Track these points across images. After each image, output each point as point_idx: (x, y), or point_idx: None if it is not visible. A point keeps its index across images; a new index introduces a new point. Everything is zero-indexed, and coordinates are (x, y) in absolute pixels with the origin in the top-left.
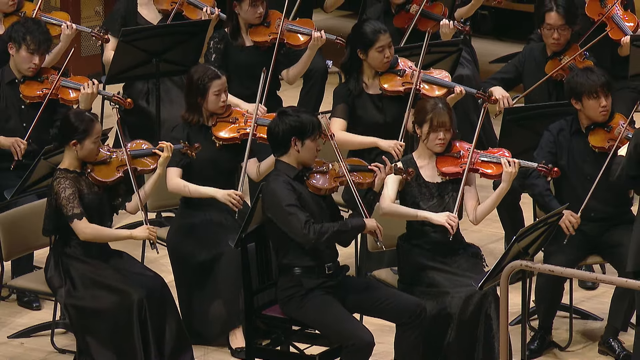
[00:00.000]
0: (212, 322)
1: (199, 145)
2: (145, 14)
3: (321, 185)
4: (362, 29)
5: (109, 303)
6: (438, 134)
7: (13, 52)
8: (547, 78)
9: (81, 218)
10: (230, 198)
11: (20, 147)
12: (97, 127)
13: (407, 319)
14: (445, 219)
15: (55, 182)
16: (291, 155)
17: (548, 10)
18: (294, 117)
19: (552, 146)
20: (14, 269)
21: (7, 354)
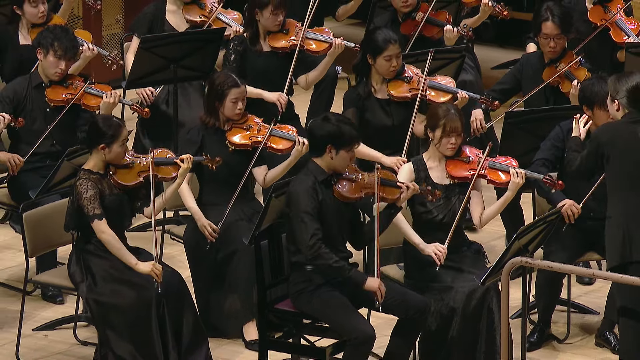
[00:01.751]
0: (227, 316)
1: (219, 159)
2: (172, 20)
3: (345, 193)
4: (374, 36)
5: (129, 298)
6: (450, 138)
7: (41, 57)
8: (545, 84)
9: (101, 219)
10: (205, 230)
11: (16, 162)
12: (124, 131)
13: (412, 314)
14: (433, 249)
15: (78, 182)
16: (324, 159)
17: (544, 20)
18: (335, 126)
19: (559, 141)
20: (38, 265)
21: (32, 345)
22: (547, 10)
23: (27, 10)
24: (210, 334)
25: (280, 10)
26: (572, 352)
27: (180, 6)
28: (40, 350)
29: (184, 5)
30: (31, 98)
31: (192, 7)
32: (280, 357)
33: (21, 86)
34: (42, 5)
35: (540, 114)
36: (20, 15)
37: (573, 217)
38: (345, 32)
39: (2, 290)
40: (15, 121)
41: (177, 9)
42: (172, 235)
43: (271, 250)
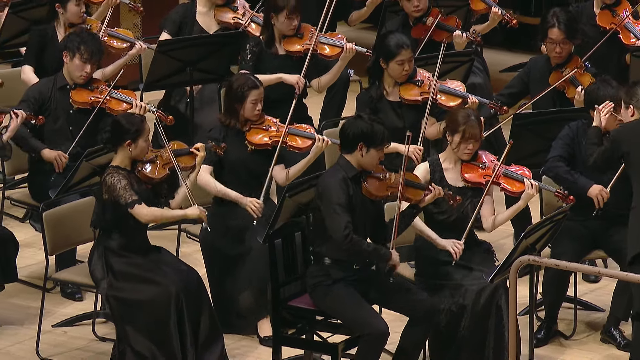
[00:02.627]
0: (241, 313)
1: (225, 145)
2: (203, 21)
3: (373, 191)
4: (387, 41)
5: (148, 295)
6: (468, 144)
7: (67, 60)
8: (552, 88)
9: (140, 203)
10: (251, 205)
11: (62, 160)
12: (147, 126)
13: (421, 314)
14: (450, 244)
15: (108, 176)
16: (355, 156)
17: (550, 27)
18: (368, 124)
19: (569, 139)
20: (58, 262)
21: (51, 341)
22: (553, 16)
23: (70, 9)
24: (225, 330)
25: (295, 15)
26: (578, 348)
27: (211, 7)
28: (60, 346)
29: (216, 8)
30: (55, 99)
31: (224, 9)
32: (293, 352)
33: (46, 87)
34: (83, 5)
35: (548, 116)
36: (60, 13)
37: (603, 201)
38: (357, 36)
39: (22, 288)
40: (35, 119)
41: (207, 10)
42: (189, 234)
43: (285, 248)
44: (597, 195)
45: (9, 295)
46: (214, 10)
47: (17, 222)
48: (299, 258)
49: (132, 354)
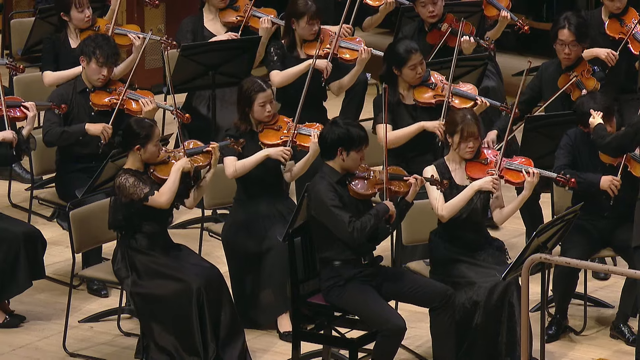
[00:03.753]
0: (262, 309)
1: (243, 140)
2: (212, 28)
3: (361, 191)
4: (396, 49)
5: (171, 291)
6: (468, 143)
7: (84, 64)
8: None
9: (153, 193)
10: (282, 153)
11: (107, 132)
12: (157, 131)
13: (437, 303)
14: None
15: (117, 179)
16: (336, 162)
17: (561, 28)
18: (344, 129)
19: (569, 148)
20: (84, 260)
21: (78, 336)
22: (564, 18)
23: (74, 16)
24: (246, 325)
25: (315, 20)
26: (587, 343)
27: (216, 13)
28: (86, 341)
29: (220, 12)
30: (76, 102)
31: (227, 11)
32: (312, 347)
33: (66, 91)
34: (88, 10)
35: (557, 119)
36: (67, 21)
37: (616, 189)
38: (374, 41)
39: (50, 284)
40: (58, 108)
41: (214, 16)
42: (211, 233)
43: (304, 246)
44: (609, 186)
45: (36, 291)
46: (219, 15)
47: (45, 221)
48: (317, 256)
49: (156, 348)
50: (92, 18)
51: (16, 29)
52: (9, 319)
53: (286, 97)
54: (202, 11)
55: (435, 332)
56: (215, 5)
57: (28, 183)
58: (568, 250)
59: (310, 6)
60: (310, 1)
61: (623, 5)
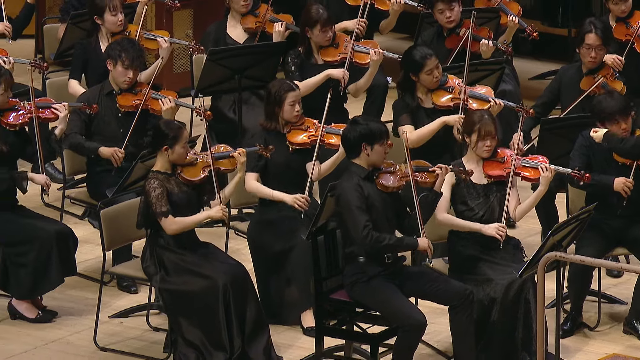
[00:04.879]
0: (286, 305)
1: (272, 147)
2: (234, 34)
3: (388, 184)
4: (412, 56)
5: (198, 288)
6: (485, 142)
7: (111, 67)
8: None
9: (167, 216)
10: (297, 201)
11: (118, 156)
12: (185, 133)
13: (456, 302)
14: (495, 230)
15: (146, 182)
16: (362, 158)
17: (587, 32)
18: (364, 125)
19: (584, 149)
20: (114, 257)
21: (108, 331)
22: (590, 23)
23: (107, 19)
24: (270, 321)
25: (328, 26)
26: (601, 339)
27: (239, 19)
28: (116, 336)
29: (242, 18)
30: (103, 105)
31: (248, 17)
32: (334, 342)
33: (93, 94)
34: (120, 14)
35: (573, 121)
36: (100, 25)
37: (629, 189)
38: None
39: (81, 281)
40: (89, 108)
41: (236, 23)
42: (237, 231)
43: (327, 245)
44: (622, 187)
45: (68, 288)
46: (241, 21)
47: (77, 220)
48: (340, 254)
49: (184, 343)
50: (124, 23)
51: (49, 34)
52: (42, 314)
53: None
54: (227, 17)
55: (455, 329)
56: (237, 11)
57: (60, 183)
58: (582, 248)
59: (322, 14)
60: (321, 9)
61: (628, 8)
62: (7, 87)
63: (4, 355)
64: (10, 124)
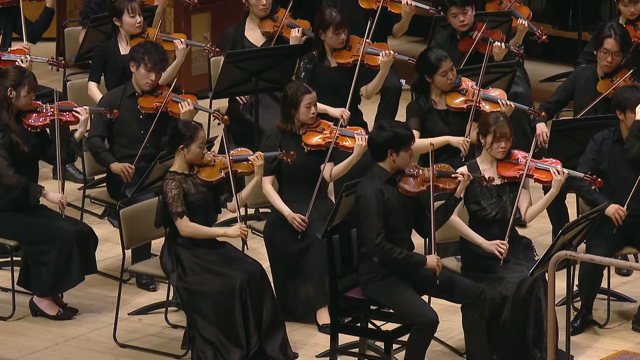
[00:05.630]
0: (302, 302)
1: (294, 153)
2: (251, 37)
3: (409, 188)
4: (427, 58)
5: (215, 286)
6: (500, 143)
7: (134, 69)
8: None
9: (182, 217)
10: (294, 220)
11: (128, 171)
12: (202, 133)
13: (469, 300)
14: (495, 247)
15: (164, 182)
16: (387, 162)
17: (607, 37)
18: (390, 131)
19: (594, 154)
20: (133, 256)
21: (127, 328)
22: (610, 28)
23: (126, 21)
24: (287, 318)
25: (341, 29)
26: (611, 336)
27: (257, 23)
28: (135, 332)
29: (260, 21)
30: (125, 106)
31: (266, 21)
32: (349, 339)
33: (116, 95)
34: (139, 16)
35: (583, 122)
36: (119, 27)
37: (621, 219)
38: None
39: (101, 279)
40: (110, 113)
41: (255, 26)
42: (254, 230)
43: (342, 243)
44: (614, 214)
45: (88, 285)
46: (259, 24)
47: (97, 219)
48: (354, 252)
49: (201, 339)
50: (142, 25)
51: (69, 37)
52: (63, 311)
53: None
54: (246, 20)
55: (467, 327)
56: (256, 14)
57: (80, 183)
58: (592, 247)
59: (335, 17)
60: (335, 12)
61: (638, 11)
62: (31, 89)
63: (25, 352)
64: (32, 125)
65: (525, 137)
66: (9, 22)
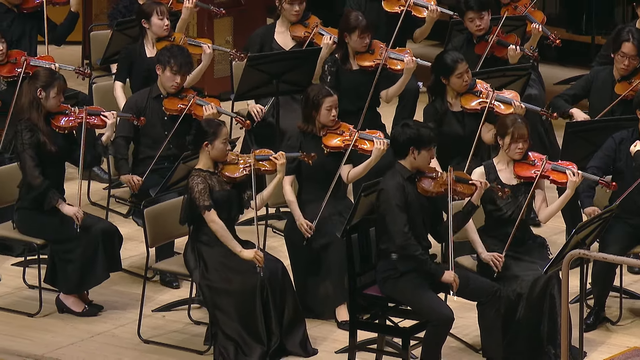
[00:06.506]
0: (322, 300)
1: (314, 155)
2: (280, 40)
3: (428, 188)
4: (444, 60)
5: (236, 283)
6: (518, 144)
7: (160, 72)
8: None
9: (210, 210)
10: (302, 225)
11: (135, 182)
12: (225, 130)
13: (484, 298)
14: (490, 258)
15: (190, 179)
16: (408, 160)
17: (625, 40)
18: (414, 130)
19: (611, 152)
20: (157, 254)
21: (151, 324)
22: (628, 32)
23: (154, 23)
24: (307, 315)
25: (366, 33)
26: (623, 332)
27: (287, 27)
28: (159, 329)
29: (291, 26)
30: (150, 108)
31: (297, 26)
32: (367, 336)
33: (142, 97)
34: (167, 19)
35: (598, 124)
36: (147, 29)
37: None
38: (425, 52)
39: (125, 276)
40: (137, 120)
41: (285, 30)
42: (274, 229)
43: (360, 242)
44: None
45: (113, 283)
46: (289, 28)
47: (121, 218)
48: (373, 251)
49: (223, 336)
50: (169, 29)
51: (95, 40)
52: (88, 308)
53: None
54: (275, 23)
55: (483, 324)
56: (288, 19)
57: (106, 183)
58: (605, 246)
59: (361, 21)
60: (361, 16)
61: None
62: (60, 90)
63: (52, 347)
64: (60, 127)
65: (539, 139)
66: (34, 26)
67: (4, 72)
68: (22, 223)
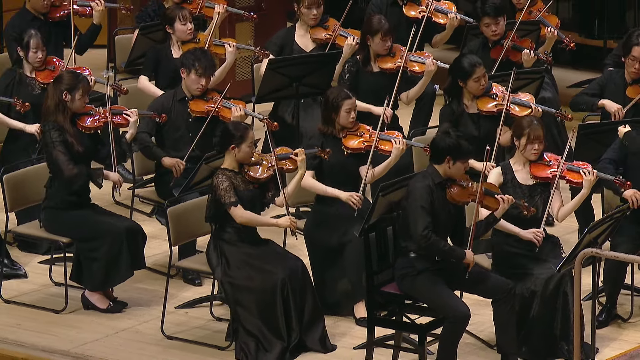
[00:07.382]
0: (340, 297)
1: (329, 150)
2: (301, 42)
3: (456, 197)
4: (461, 63)
5: (257, 281)
6: (534, 145)
7: (184, 75)
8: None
9: (237, 205)
10: (351, 198)
11: (179, 167)
12: (251, 133)
13: (499, 295)
14: (532, 235)
15: (215, 177)
16: (442, 167)
17: (635, 44)
18: (454, 140)
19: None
20: (180, 252)
21: (174, 321)
22: (638, 36)
23: (178, 28)
24: (326, 312)
25: (388, 36)
26: (634, 329)
27: (307, 30)
28: (181, 325)
29: (311, 29)
30: (175, 110)
31: (317, 29)
32: (385, 332)
33: (167, 99)
34: (190, 23)
35: (610, 126)
36: (171, 33)
37: (637, 202)
38: (442, 56)
39: (149, 274)
40: (159, 117)
41: (305, 32)
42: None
43: (378, 241)
44: (631, 197)
45: (137, 280)
46: (309, 31)
47: (145, 217)
48: (390, 249)
49: (244, 332)
50: (193, 32)
51: (120, 44)
52: (113, 305)
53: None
54: (295, 26)
55: (498, 321)
56: (306, 22)
57: (130, 183)
58: (617, 245)
59: (383, 24)
60: (383, 19)
61: None
62: (85, 92)
63: (77, 343)
64: (86, 127)
65: (553, 141)
66: (59, 33)
67: (41, 78)
68: (49, 222)
